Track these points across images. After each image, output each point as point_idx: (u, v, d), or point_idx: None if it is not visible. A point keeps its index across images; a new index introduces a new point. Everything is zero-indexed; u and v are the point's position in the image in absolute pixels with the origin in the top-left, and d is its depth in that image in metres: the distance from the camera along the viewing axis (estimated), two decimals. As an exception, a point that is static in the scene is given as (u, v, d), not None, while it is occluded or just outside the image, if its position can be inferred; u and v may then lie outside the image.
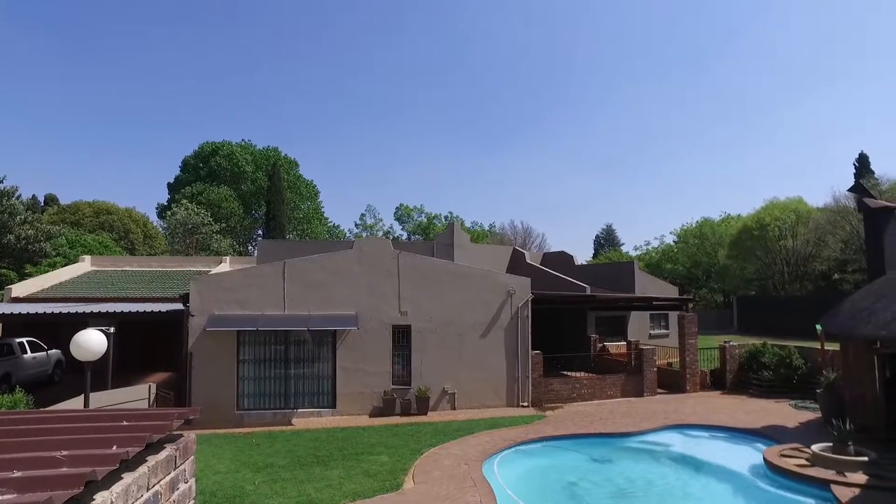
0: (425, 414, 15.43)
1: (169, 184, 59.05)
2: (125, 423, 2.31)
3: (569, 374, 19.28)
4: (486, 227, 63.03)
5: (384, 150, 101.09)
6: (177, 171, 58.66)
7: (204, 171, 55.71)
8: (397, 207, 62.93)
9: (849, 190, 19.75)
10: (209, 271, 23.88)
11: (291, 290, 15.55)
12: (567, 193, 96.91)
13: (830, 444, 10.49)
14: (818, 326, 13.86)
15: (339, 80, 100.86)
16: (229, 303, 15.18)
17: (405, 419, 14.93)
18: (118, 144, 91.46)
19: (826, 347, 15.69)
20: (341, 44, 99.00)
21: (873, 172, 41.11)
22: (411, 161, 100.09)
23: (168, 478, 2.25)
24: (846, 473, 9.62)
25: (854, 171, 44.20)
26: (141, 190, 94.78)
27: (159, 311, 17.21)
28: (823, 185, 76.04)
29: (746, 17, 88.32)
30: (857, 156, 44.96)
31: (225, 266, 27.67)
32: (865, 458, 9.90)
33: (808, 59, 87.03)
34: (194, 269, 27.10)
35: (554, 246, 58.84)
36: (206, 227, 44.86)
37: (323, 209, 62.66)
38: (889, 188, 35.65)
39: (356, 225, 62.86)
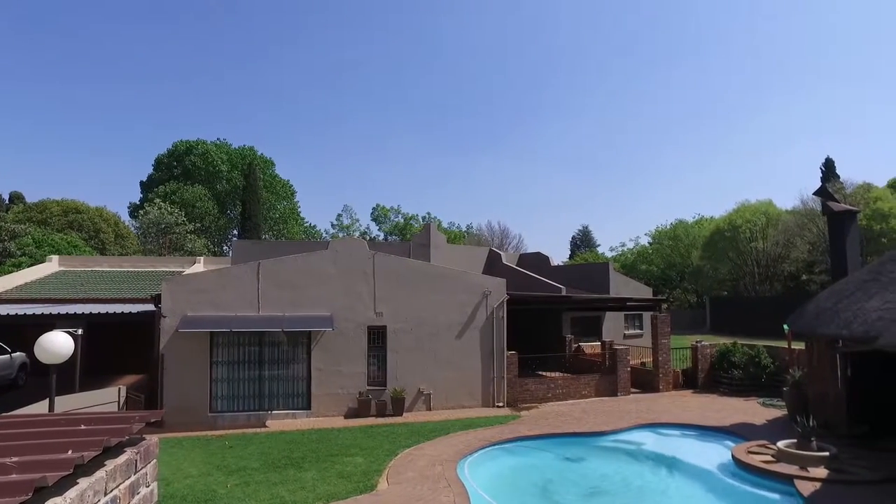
0: (401, 415, 15.43)
1: (142, 182, 57.99)
2: (83, 427, 2.28)
3: (544, 374, 19.44)
4: (464, 228, 63.17)
5: (362, 151, 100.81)
6: (150, 170, 57.65)
7: (178, 169, 54.82)
8: (374, 208, 62.74)
9: (814, 193, 20.28)
10: (183, 272, 23.52)
11: (266, 291, 15.42)
12: (544, 195, 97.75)
13: (795, 440, 10.78)
14: (785, 326, 14.20)
15: (316, 80, 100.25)
16: (202, 304, 14.98)
17: (380, 420, 14.90)
18: (88, 142, 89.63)
19: (793, 347, 16.07)
20: (318, 44, 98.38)
21: (839, 177, 42.24)
22: (389, 161, 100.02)
23: (127, 482, 2.23)
24: (809, 468, 9.90)
25: (821, 174, 45.37)
26: (112, 188, 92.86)
27: (130, 313, 16.91)
28: (792, 189, 78.18)
29: (719, 23, 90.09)
30: (824, 160, 46.20)
31: (199, 266, 27.29)
32: (827, 454, 10.20)
33: (779, 64, 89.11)
34: (167, 270, 26.67)
35: (531, 247, 59.26)
36: (179, 227, 44.14)
37: (299, 209, 62.16)
38: (853, 192, 36.71)
39: (333, 225, 62.51)
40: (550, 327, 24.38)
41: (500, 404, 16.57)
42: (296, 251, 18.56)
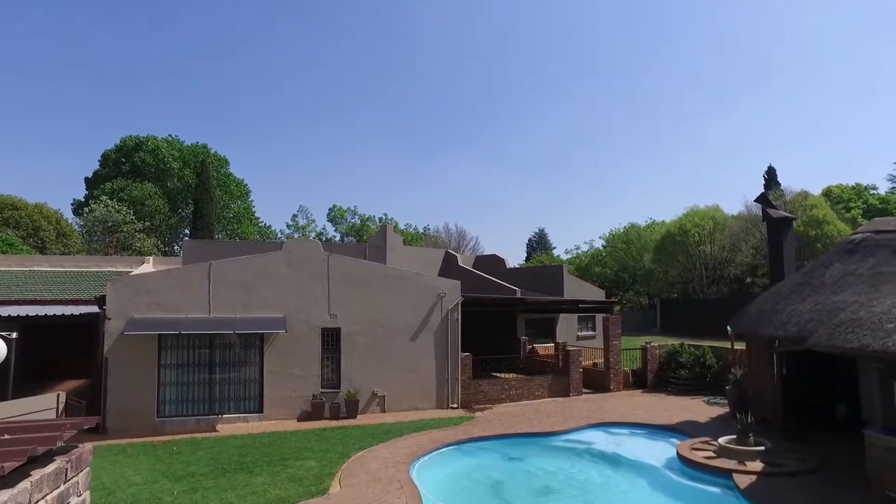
0: (355, 417, 15.35)
1: (87, 179, 55.70)
2: (6, 436, 2.22)
3: (498, 375, 19.67)
4: (421, 230, 63.19)
5: (319, 151, 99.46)
6: (95, 166, 55.42)
7: (126, 166, 52.86)
8: (331, 208, 62.08)
9: (755, 200, 21.20)
10: (130, 272, 22.72)
11: (217, 292, 15.09)
12: (502, 197, 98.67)
13: (735, 436, 11.27)
14: (729, 327, 14.80)
15: (273, 79, 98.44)
16: (150, 305, 14.54)
17: (334, 423, 14.79)
18: (28, 136, 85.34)
19: (735, 347, 16.75)
20: (275, 42, 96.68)
21: (780, 184, 44.22)
22: (346, 162, 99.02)
23: (56, 492, 2.18)
24: (746, 462, 10.37)
25: (764, 182, 47.43)
26: (54, 185, 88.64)
27: (71, 315, 16.23)
28: (738, 195, 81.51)
29: (674, 37, 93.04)
30: (767, 168, 48.33)
31: (148, 266, 26.38)
32: (762, 448, 10.72)
33: (728, 76, 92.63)
34: (114, 270, 25.67)
35: (488, 249, 59.91)
36: (127, 226, 42.59)
37: (254, 209, 60.91)
38: (792, 199, 38.49)
39: (288, 226, 61.58)
40: (505, 329, 24.67)
41: (455, 406, 16.68)
42: (250, 252, 18.24)
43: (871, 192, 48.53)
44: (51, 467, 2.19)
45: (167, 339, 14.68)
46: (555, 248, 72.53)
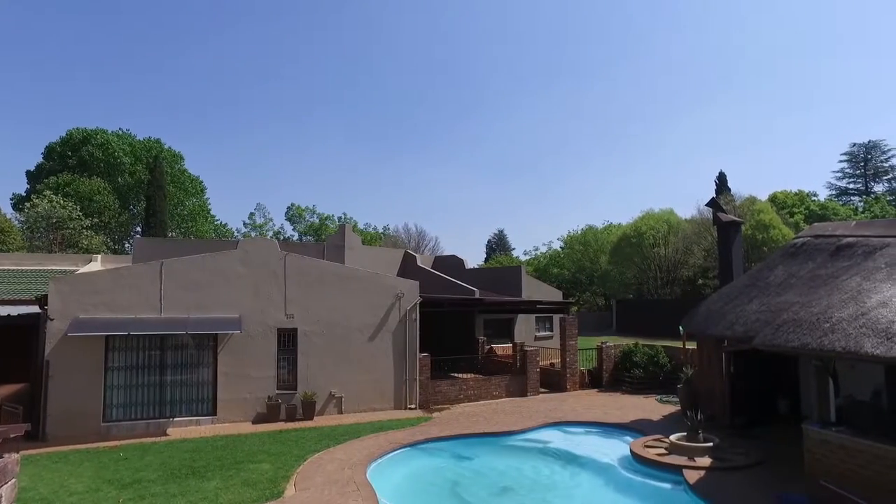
0: (311, 419, 15.13)
1: (28, 172, 53.16)
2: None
3: (456, 375, 19.71)
4: (380, 230, 62.84)
5: (278, 149, 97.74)
6: (39, 159, 52.94)
7: (73, 160, 50.65)
8: (289, 207, 61.11)
9: (706, 205, 21.92)
10: (76, 270, 21.79)
11: (169, 292, 14.63)
12: (462, 198, 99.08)
13: (685, 433, 11.61)
14: (681, 327, 15.24)
15: (231, 73, 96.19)
16: (97, 305, 13.97)
17: (290, 425, 14.54)
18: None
19: (687, 346, 17.26)
20: (232, 35, 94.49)
21: (730, 190, 45.88)
22: (306, 160, 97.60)
23: (-22, 503, 2.06)
24: (696, 458, 10.69)
25: (715, 187, 49.11)
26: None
27: (9, 316, 15.44)
28: (692, 199, 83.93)
29: (629, 43, 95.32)
30: (718, 174, 50.11)
31: (96, 265, 25.35)
32: (711, 444, 11.08)
33: (682, 83, 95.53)
34: (58, 269, 24.55)
35: (447, 249, 59.99)
36: (74, 223, 40.76)
37: (210, 206, 59.34)
38: (741, 204, 39.96)
39: (245, 224, 60.31)
40: (464, 329, 24.76)
41: (413, 406, 16.64)
42: (205, 250, 17.77)
43: (813, 198, 51.00)
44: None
45: (115, 340, 14.14)
46: (514, 249, 73.35)
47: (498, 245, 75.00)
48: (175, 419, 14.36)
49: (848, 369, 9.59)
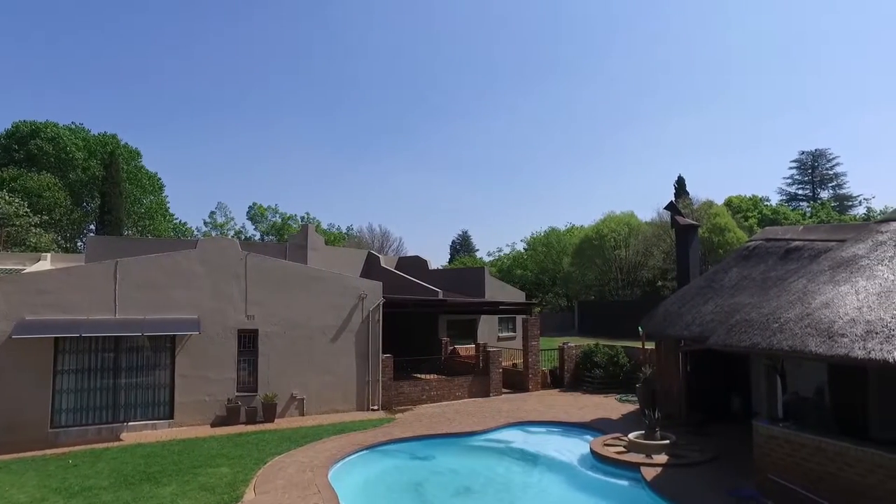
0: (272, 421, 14.91)
1: (-30, 166, 50.63)
2: None
3: (419, 376, 19.72)
4: (344, 230, 62.30)
5: (240, 147, 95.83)
6: (-18, 152, 50.46)
7: (20, 154, 48.43)
8: (251, 206, 59.94)
9: (664, 208, 22.50)
10: (24, 269, 20.91)
11: (125, 292, 14.18)
12: (427, 199, 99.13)
13: (643, 431, 11.88)
14: (640, 328, 15.59)
15: (190, 71, 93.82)
16: (45, 306, 13.43)
17: (250, 427, 14.29)
18: None
19: (646, 346, 17.66)
20: (191, 27, 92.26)
21: (688, 193, 47.19)
22: (268, 159, 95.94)
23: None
24: (653, 456, 10.97)
25: (674, 190, 50.43)
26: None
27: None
28: (652, 202, 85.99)
29: (592, 47, 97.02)
30: (677, 178, 51.47)
31: (45, 264, 24.37)
32: (668, 442, 11.38)
33: (643, 89, 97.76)
34: (3, 268, 23.54)
35: (412, 250, 59.99)
36: (21, 219, 39.04)
37: (168, 205, 57.73)
38: (698, 208, 41.13)
39: (205, 223, 58.91)
40: (427, 330, 24.78)
41: (375, 407, 16.56)
42: (163, 249, 17.35)
43: (765, 203, 52.93)
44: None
45: (65, 342, 13.62)
46: (477, 250, 73.76)
47: (462, 246, 75.33)
48: (130, 423, 13.93)
49: (795, 368, 9.99)
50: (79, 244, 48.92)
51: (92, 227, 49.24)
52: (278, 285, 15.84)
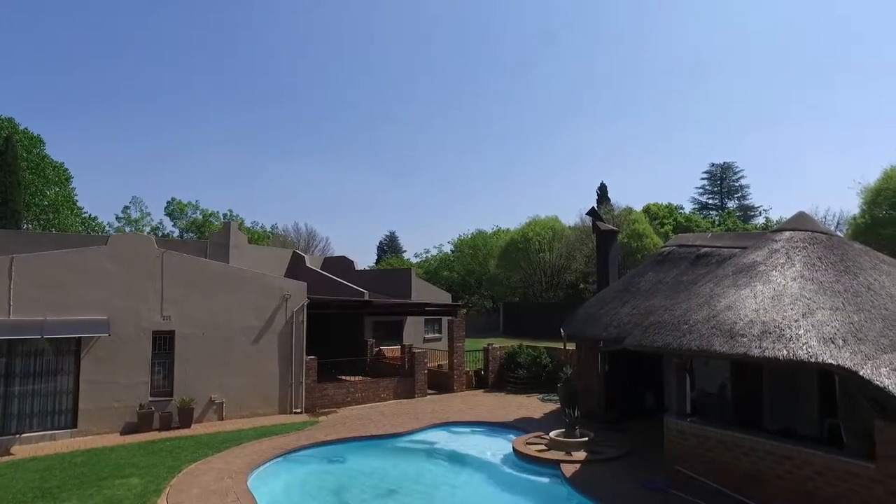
0: (189, 427, 14.26)
1: None
2: None
3: (344, 378, 19.48)
4: (269, 229, 60.51)
5: (158, 137, 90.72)
6: None
7: None
8: (169, 202, 56.92)
9: (586, 213, 23.38)
10: None
11: (22, 291, 13.09)
12: (354, 199, 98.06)
13: (564, 429, 12.29)
14: (562, 329, 16.09)
15: (105, 48, 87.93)
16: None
17: (165, 434, 13.59)
18: None
19: (567, 347, 18.24)
20: (102, 11, 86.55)
21: (610, 200, 49.33)
22: (189, 154, 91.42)
23: None
24: (572, 453, 11.37)
25: (597, 196, 52.55)
26: None
27: None
28: (575, 207, 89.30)
29: (520, 55, 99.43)
30: (600, 184, 53.72)
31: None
32: (586, 439, 11.84)
33: (569, 96, 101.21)
34: None
35: (338, 250, 59.12)
36: None
37: (76, 197, 53.81)
38: (619, 214, 43.05)
39: (118, 218, 55.39)
40: (352, 331, 24.51)
41: (298, 410, 16.20)
42: (69, 245, 16.16)
43: (680, 211, 56.20)
44: None
45: (-51, 346, 12.42)
46: (405, 251, 73.74)
47: (389, 247, 75.08)
48: (23, 435, 12.84)
49: (702, 366, 10.67)
50: (-30, 238, 44.65)
51: (-15, 220, 45.11)
52: (197, 285, 15.17)
